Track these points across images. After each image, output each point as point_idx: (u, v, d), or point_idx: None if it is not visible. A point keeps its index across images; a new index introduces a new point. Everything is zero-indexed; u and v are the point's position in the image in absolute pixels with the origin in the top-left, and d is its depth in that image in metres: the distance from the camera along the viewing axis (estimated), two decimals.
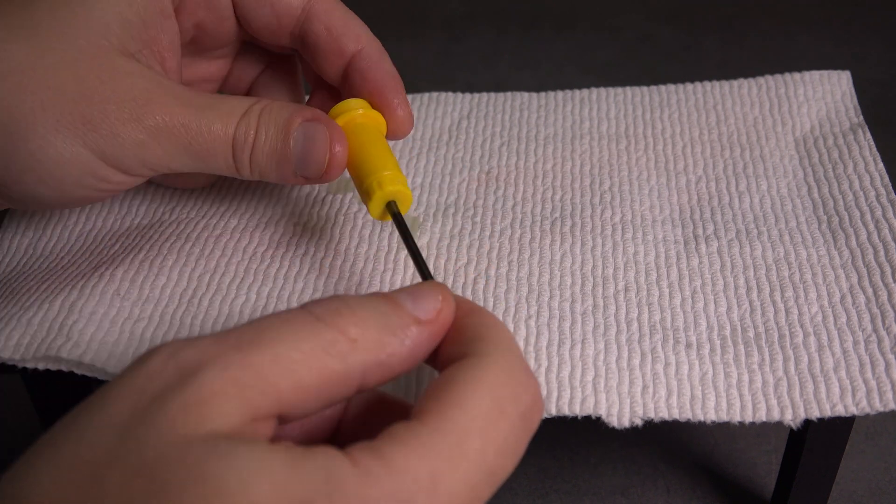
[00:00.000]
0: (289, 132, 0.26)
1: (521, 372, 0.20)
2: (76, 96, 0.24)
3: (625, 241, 0.30)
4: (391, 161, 0.27)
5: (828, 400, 0.24)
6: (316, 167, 0.27)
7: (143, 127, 0.25)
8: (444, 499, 0.17)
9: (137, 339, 0.26)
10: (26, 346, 0.26)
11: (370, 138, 0.27)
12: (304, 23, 0.28)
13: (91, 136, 0.25)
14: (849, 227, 0.29)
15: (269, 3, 0.28)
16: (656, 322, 0.27)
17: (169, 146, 0.26)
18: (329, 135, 0.26)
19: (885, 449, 0.37)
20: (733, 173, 0.32)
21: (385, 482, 0.17)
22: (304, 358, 0.18)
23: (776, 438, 0.37)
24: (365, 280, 0.29)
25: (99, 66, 0.25)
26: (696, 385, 0.25)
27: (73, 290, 0.27)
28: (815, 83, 0.36)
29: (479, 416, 0.18)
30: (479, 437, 0.18)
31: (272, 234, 0.30)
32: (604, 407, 0.24)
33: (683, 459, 0.37)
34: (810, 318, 0.27)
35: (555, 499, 0.35)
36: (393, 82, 0.29)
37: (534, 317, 0.27)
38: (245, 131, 0.26)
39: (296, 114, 0.26)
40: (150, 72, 0.26)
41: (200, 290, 0.28)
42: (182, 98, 0.26)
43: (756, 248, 0.29)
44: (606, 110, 0.36)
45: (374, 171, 0.26)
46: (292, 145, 0.26)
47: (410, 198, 0.27)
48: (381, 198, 0.26)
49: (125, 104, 0.25)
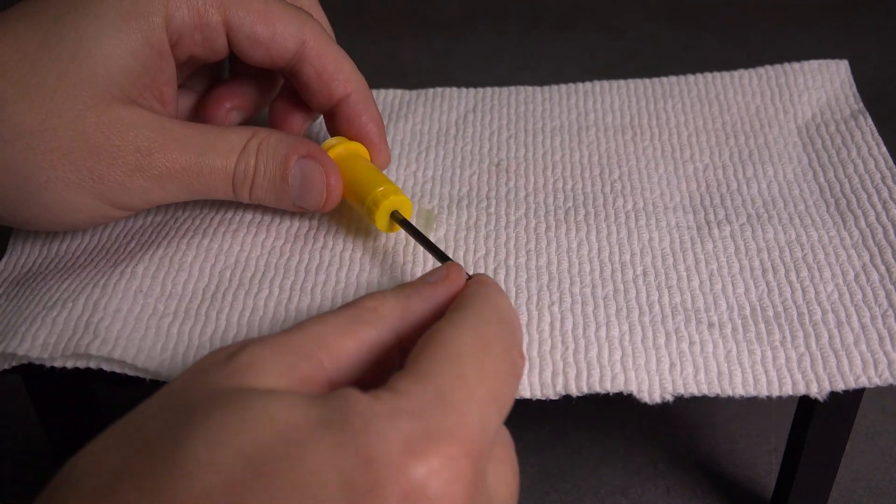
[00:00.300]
0: (287, 169, 0.28)
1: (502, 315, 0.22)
2: (84, 153, 0.26)
3: (639, 227, 0.30)
4: (381, 177, 0.29)
5: (851, 373, 0.25)
6: (314, 201, 0.29)
7: (147, 176, 0.27)
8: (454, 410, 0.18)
9: (164, 334, 0.26)
10: (54, 345, 0.26)
11: (356, 165, 0.29)
12: (297, 62, 0.29)
13: (99, 189, 0.26)
14: (857, 209, 0.30)
15: (264, 46, 0.28)
16: (677, 304, 0.27)
17: (172, 188, 0.27)
18: (324, 170, 0.28)
19: (885, 449, 0.37)
20: (739, 160, 0.33)
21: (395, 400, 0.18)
22: (335, 330, 0.20)
23: (776, 438, 0.38)
24: (385, 272, 0.29)
25: (103, 121, 0.26)
26: (721, 362, 0.25)
27: (96, 289, 0.27)
28: (815, 72, 0.36)
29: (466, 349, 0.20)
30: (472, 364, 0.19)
31: (288, 227, 0.30)
32: (634, 384, 0.25)
33: (683, 459, 0.37)
34: (826, 296, 0.27)
35: (555, 499, 0.35)
36: (376, 128, 0.31)
37: (556, 303, 0.27)
38: (244, 168, 0.28)
39: (292, 151, 0.28)
40: (151, 117, 0.27)
41: (223, 285, 0.28)
42: (183, 141, 0.27)
43: (768, 231, 0.30)
44: (610, 102, 0.36)
45: (369, 191, 0.28)
46: (290, 182, 0.28)
47: (410, 203, 0.29)
48: (384, 210, 0.28)
49: (130, 156, 0.26)
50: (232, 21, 0.28)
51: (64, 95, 0.25)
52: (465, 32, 0.65)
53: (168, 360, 0.26)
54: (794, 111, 0.35)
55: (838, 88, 0.36)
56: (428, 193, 0.32)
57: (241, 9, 0.28)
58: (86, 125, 0.26)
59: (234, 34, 0.28)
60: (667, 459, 0.37)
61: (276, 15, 0.28)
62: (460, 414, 0.18)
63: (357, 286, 0.28)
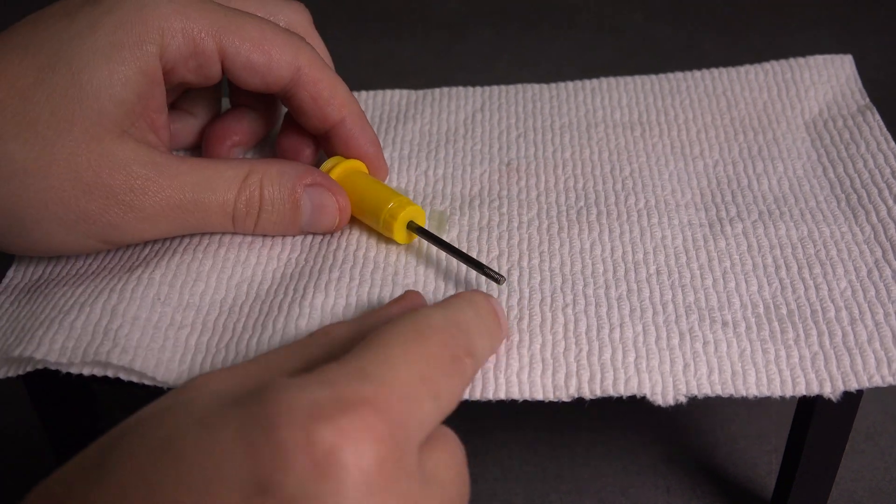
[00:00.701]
0: (296, 202, 0.28)
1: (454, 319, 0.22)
2: (77, 193, 0.26)
3: (651, 226, 0.30)
4: (388, 191, 0.29)
5: (864, 371, 0.25)
6: (327, 225, 0.29)
7: (141, 216, 0.26)
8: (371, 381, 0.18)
9: (183, 346, 0.26)
10: (72, 350, 0.26)
11: (360, 182, 0.30)
12: (292, 88, 0.29)
13: (91, 229, 0.26)
14: (868, 204, 0.30)
15: (260, 74, 0.28)
16: (691, 303, 0.27)
17: (166, 226, 0.27)
18: (333, 195, 0.29)
19: (885, 449, 0.37)
20: (749, 156, 0.33)
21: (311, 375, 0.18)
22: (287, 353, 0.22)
23: (776, 438, 0.38)
24: (400, 272, 0.29)
25: (95, 159, 0.26)
26: (735, 362, 0.25)
27: (113, 294, 0.27)
28: (820, 67, 0.36)
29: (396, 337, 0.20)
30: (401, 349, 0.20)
31: (303, 238, 0.30)
32: (647, 386, 0.25)
33: (683, 459, 0.37)
34: (840, 293, 0.27)
35: (555, 499, 0.35)
36: (373, 149, 0.31)
37: (570, 305, 0.27)
38: (246, 203, 0.28)
39: (298, 181, 0.28)
40: (144, 152, 0.26)
41: (240, 297, 0.28)
42: (178, 178, 0.27)
43: (780, 227, 0.30)
44: (618, 99, 0.36)
45: (381, 207, 0.29)
46: (301, 210, 0.29)
47: (423, 211, 0.29)
48: (401, 223, 0.29)
49: (123, 195, 0.26)
50: (227, 49, 0.28)
51: (56, 132, 0.25)
52: (465, 32, 0.64)
53: (186, 372, 0.26)
54: (801, 106, 0.35)
55: (844, 84, 0.36)
56: (440, 194, 0.32)
57: (236, 37, 0.27)
58: (78, 163, 0.25)
59: (229, 62, 0.28)
60: (667, 459, 0.37)
61: (271, 42, 0.28)
62: (379, 384, 0.18)
63: (371, 283, 0.28)
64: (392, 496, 0.17)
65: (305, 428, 0.16)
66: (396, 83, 0.40)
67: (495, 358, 0.25)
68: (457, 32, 0.64)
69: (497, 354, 0.25)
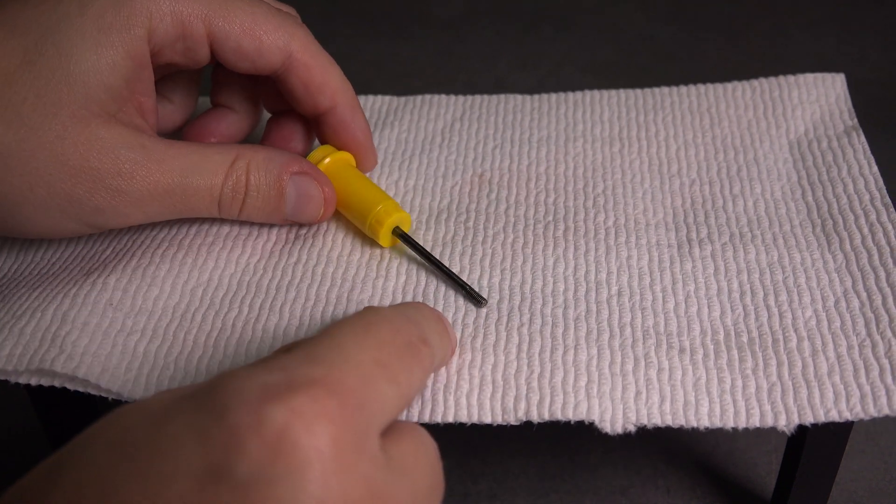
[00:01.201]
0: (281, 189, 0.28)
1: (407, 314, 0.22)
2: (62, 176, 0.25)
3: (618, 245, 0.30)
4: (380, 192, 0.29)
5: (822, 405, 0.24)
6: (310, 216, 0.29)
7: (128, 200, 0.26)
8: (322, 364, 0.18)
9: (130, 353, 0.26)
10: (19, 357, 0.25)
11: (351, 177, 0.30)
12: (283, 73, 0.29)
13: (77, 212, 0.26)
14: (843, 231, 0.29)
15: (250, 59, 0.28)
16: (649, 327, 0.27)
17: (153, 210, 0.27)
18: (319, 184, 0.28)
19: (885, 449, 0.37)
20: (727, 176, 0.32)
21: (260, 362, 0.18)
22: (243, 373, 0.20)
23: (776, 438, 0.37)
24: (357, 286, 0.29)
25: (83, 142, 0.25)
26: (689, 391, 0.25)
27: (66, 299, 0.27)
28: (810, 86, 0.36)
29: (347, 329, 0.20)
30: (353, 338, 0.19)
31: (264, 242, 0.30)
32: (597, 413, 0.24)
33: (683, 459, 0.37)
34: (804, 323, 0.26)
35: (555, 499, 0.35)
36: (363, 136, 0.31)
37: (526, 325, 0.27)
38: (233, 188, 0.28)
39: (284, 168, 0.28)
40: (131, 136, 0.26)
41: (193, 304, 0.28)
42: (165, 163, 0.26)
43: (750, 251, 0.29)
44: (600, 113, 0.36)
45: (370, 207, 0.29)
46: (286, 199, 0.28)
47: (409, 217, 0.29)
48: (388, 228, 0.29)
49: (110, 180, 0.26)
50: (217, 34, 0.27)
51: (43, 115, 0.25)
52: (466, 33, 0.64)
53: (132, 380, 0.25)
54: (786, 126, 0.34)
55: (833, 103, 0.35)
56: (408, 206, 0.32)
57: (226, 21, 0.27)
58: (65, 146, 0.25)
59: (218, 46, 0.27)
60: (667, 459, 0.37)
61: (261, 27, 0.28)
62: (330, 366, 0.18)
63: (326, 301, 0.28)
64: (352, 478, 0.17)
65: (256, 410, 0.16)
66: (397, 83, 0.40)
67: (446, 377, 0.25)
68: (457, 33, 0.64)
69: (448, 373, 0.25)
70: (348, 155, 0.31)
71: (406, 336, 0.21)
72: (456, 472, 0.36)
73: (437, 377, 0.25)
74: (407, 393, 0.20)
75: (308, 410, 0.16)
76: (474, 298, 0.27)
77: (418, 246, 0.29)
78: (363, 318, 0.21)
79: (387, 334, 0.20)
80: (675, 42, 0.62)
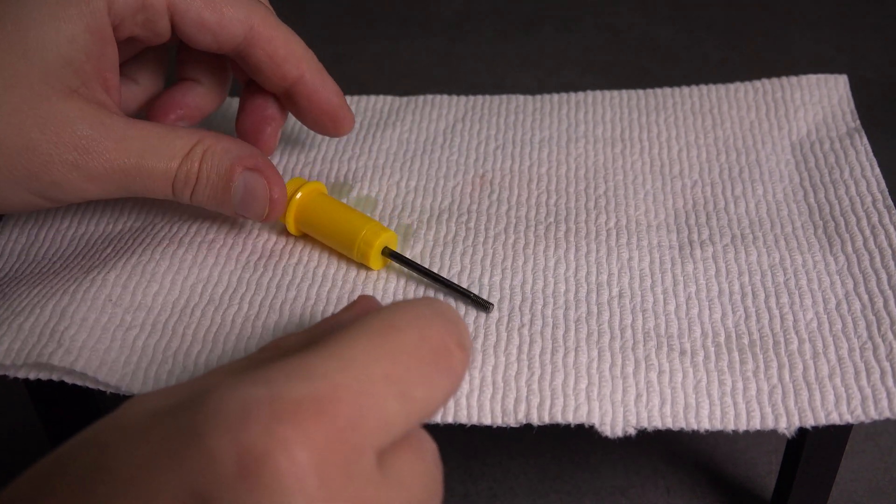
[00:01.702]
0: (229, 181, 0.28)
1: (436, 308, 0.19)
2: (19, 148, 0.25)
3: (619, 246, 0.30)
4: (360, 217, 0.29)
5: (822, 408, 0.24)
6: (255, 213, 0.28)
7: (84, 175, 0.26)
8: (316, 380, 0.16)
9: (129, 348, 0.26)
10: (17, 352, 0.25)
11: (327, 207, 0.29)
12: (245, 48, 0.28)
13: (33, 186, 0.26)
14: (844, 233, 0.29)
15: (212, 32, 0.28)
16: (650, 329, 0.27)
17: (109, 188, 0.27)
18: (268, 183, 0.28)
19: (885, 449, 0.37)
20: (729, 178, 0.32)
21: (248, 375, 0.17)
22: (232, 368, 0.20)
23: (776, 438, 0.37)
24: (358, 288, 0.28)
25: (41, 116, 0.25)
26: (689, 393, 0.25)
27: (65, 295, 0.27)
28: (812, 87, 0.36)
29: (363, 331, 0.18)
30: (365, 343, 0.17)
31: (265, 241, 0.30)
32: (597, 416, 0.24)
33: (683, 459, 0.37)
34: (805, 325, 0.26)
35: (555, 499, 0.35)
36: (338, 99, 0.30)
37: (527, 325, 0.27)
38: (186, 173, 0.27)
39: (237, 162, 0.28)
40: (91, 111, 0.26)
41: (193, 299, 0.28)
42: (124, 142, 0.26)
43: (751, 253, 0.29)
44: (602, 113, 0.36)
45: (354, 235, 0.28)
46: (232, 193, 0.28)
47: (395, 235, 0.29)
48: (377, 251, 0.28)
49: (67, 154, 0.26)
50: (177, 5, 0.27)
51: (1, 88, 0.25)
52: (465, 32, 0.64)
53: (130, 374, 0.25)
54: (788, 127, 0.34)
55: (836, 105, 0.35)
56: (409, 206, 0.32)
57: None
58: (23, 119, 0.25)
59: (179, 18, 0.27)
60: (667, 459, 0.37)
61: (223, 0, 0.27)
62: (325, 382, 0.16)
63: (327, 301, 0.28)
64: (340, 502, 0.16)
65: (235, 435, 0.15)
66: (397, 83, 0.40)
67: None
68: (457, 32, 0.64)
69: None
70: (319, 184, 0.30)
71: (438, 341, 0.18)
72: (456, 472, 0.36)
73: None
74: (422, 409, 0.18)
75: (291, 437, 0.15)
76: (481, 305, 0.27)
77: (412, 263, 0.28)
78: (385, 321, 0.18)
79: (411, 343, 0.18)
80: (675, 42, 0.62)
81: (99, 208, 0.32)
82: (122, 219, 0.32)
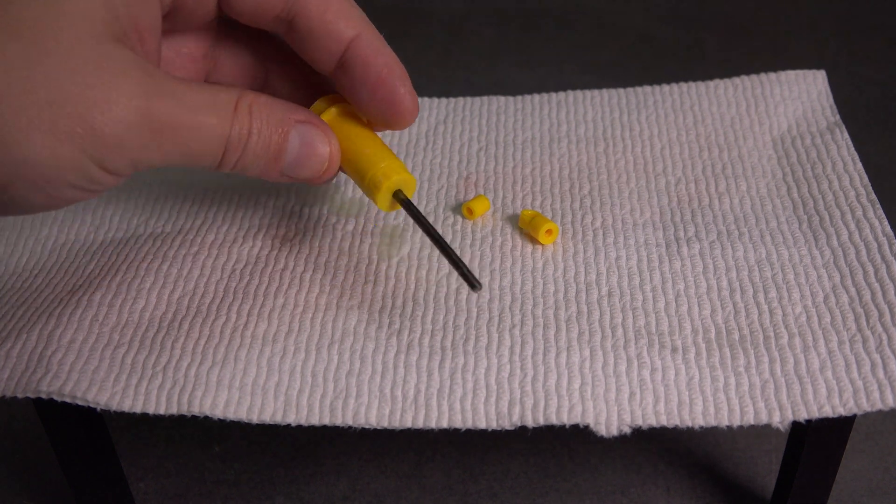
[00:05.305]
0: (286, 133, 0.25)
1: None
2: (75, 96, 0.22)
3: (606, 245, 0.30)
4: (386, 150, 0.26)
5: (815, 401, 0.24)
6: (311, 171, 0.26)
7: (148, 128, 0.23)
8: None
9: (118, 366, 0.26)
10: (6, 381, 0.25)
11: (356, 132, 0.27)
12: (294, 5, 0.26)
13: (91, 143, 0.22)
14: (829, 227, 0.29)
15: None
16: (641, 327, 0.27)
17: (169, 148, 0.23)
18: (326, 138, 0.26)
19: (885, 449, 0.37)
20: (712, 174, 0.32)
21: None
22: None
23: (776, 438, 0.37)
24: (346, 293, 0.28)
25: (95, 58, 0.22)
26: (682, 390, 0.25)
27: (51, 319, 0.27)
28: (791, 83, 0.36)
29: None
30: None
31: (250, 248, 0.30)
32: (591, 415, 0.24)
33: (683, 459, 0.37)
34: (794, 319, 0.26)
35: (555, 498, 0.35)
36: (399, 69, 0.27)
37: (518, 326, 0.27)
38: (239, 130, 0.24)
39: (289, 113, 0.25)
40: (142, 61, 0.23)
41: (180, 313, 0.28)
42: (176, 95, 0.23)
43: (738, 249, 0.29)
44: (584, 113, 0.36)
45: (374, 164, 0.26)
46: (288, 148, 0.25)
47: (414, 180, 0.26)
48: (388, 189, 0.26)
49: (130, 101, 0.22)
50: None
51: (48, 37, 0.22)
52: (466, 32, 0.64)
53: (120, 392, 0.25)
54: (769, 123, 0.34)
55: (815, 100, 0.35)
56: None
57: None
58: (77, 61, 0.22)
59: None
60: (667, 459, 0.37)
61: None
62: None
63: (315, 308, 0.28)
64: None
65: None
66: None
67: (439, 381, 0.25)
68: (457, 32, 0.64)
69: (441, 378, 0.25)
70: (353, 107, 0.27)
71: None
72: (456, 472, 0.36)
73: (430, 381, 0.25)
74: None
75: None
76: (469, 281, 0.25)
77: (420, 216, 0.26)
78: None
79: None
80: (675, 42, 0.62)
81: (79, 216, 0.32)
82: (104, 228, 0.31)
